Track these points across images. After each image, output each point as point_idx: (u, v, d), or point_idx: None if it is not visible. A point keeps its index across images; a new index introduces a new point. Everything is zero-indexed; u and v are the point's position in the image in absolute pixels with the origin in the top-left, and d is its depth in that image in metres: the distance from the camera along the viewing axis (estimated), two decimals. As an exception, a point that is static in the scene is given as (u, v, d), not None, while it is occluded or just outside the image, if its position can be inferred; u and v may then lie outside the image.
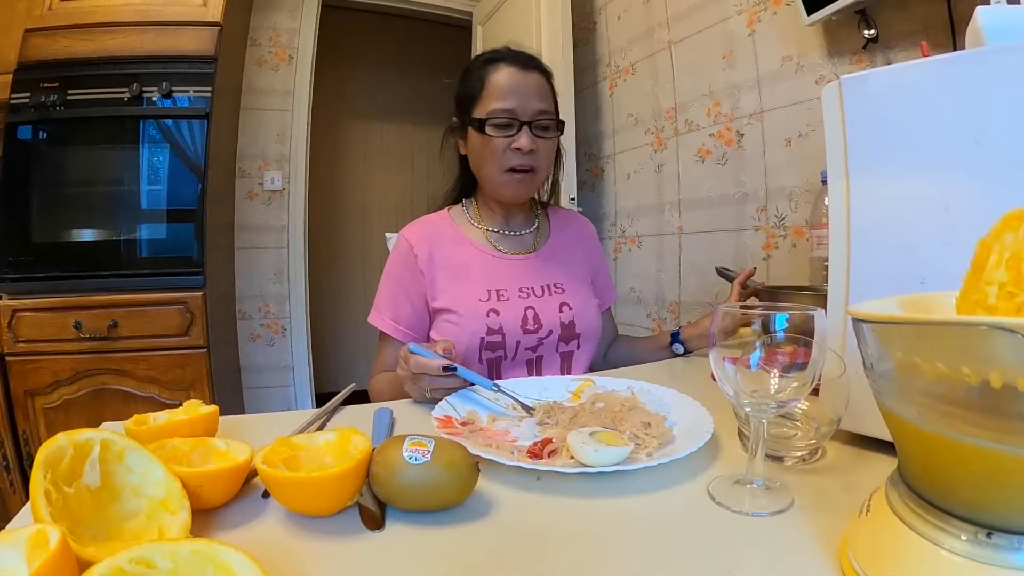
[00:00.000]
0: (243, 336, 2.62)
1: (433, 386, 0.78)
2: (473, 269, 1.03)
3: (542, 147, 1.00)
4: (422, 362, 0.77)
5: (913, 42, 1.27)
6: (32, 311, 1.78)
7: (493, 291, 1.01)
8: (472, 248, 1.05)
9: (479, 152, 1.01)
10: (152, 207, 1.94)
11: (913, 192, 0.54)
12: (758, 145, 1.71)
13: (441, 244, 1.05)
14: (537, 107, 0.98)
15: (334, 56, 3.46)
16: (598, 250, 1.22)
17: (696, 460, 0.57)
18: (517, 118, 0.97)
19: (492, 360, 0.99)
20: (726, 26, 1.80)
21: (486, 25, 2.74)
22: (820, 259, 1.03)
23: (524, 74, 0.99)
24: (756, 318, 0.47)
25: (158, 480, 0.44)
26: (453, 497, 0.48)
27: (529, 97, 0.98)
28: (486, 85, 0.99)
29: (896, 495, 0.36)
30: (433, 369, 0.76)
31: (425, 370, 0.77)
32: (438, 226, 1.08)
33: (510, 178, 1.00)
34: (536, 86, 0.99)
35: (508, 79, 0.98)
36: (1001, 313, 0.31)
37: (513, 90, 0.97)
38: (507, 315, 0.99)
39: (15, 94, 1.83)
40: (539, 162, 1.01)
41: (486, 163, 1.00)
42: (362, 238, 3.92)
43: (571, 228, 1.18)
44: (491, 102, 0.97)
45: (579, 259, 1.14)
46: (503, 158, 0.98)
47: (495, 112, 0.97)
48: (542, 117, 0.99)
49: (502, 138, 0.97)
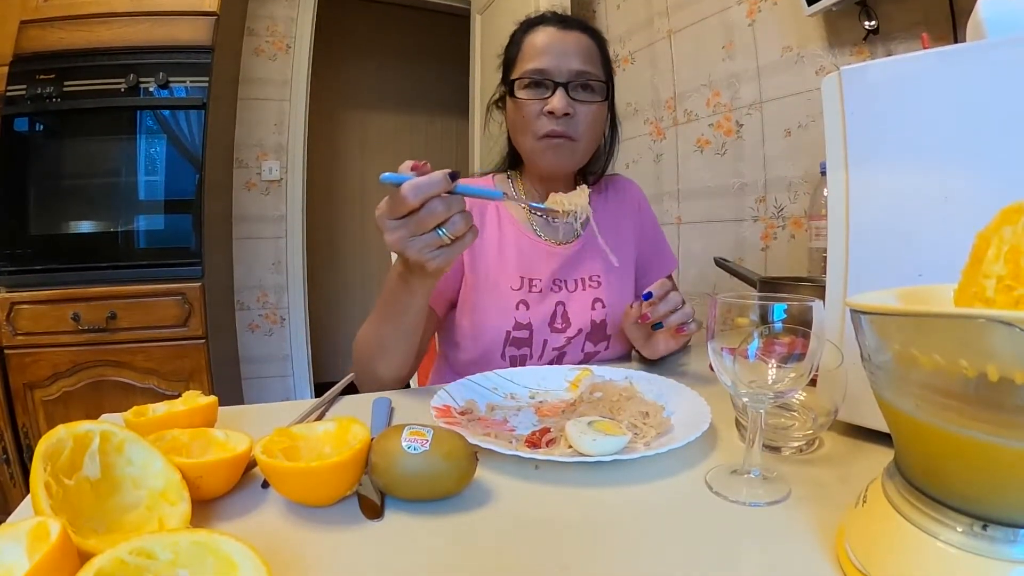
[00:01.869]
0: (242, 327, 2.63)
1: (450, 212, 0.59)
2: (508, 251, 0.95)
3: (583, 113, 0.89)
4: (421, 183, 0.57)
5: (914, 34, 1.27)
6: (30, 304, 1.78)
7: (526, 280, 0.94)
8: (511, 228, 0.97)
9: (513, 120, 0.93)
10: (150, 198, 1.94)
11: (912, 184, 0.53)
12: (757, 136, 1.70)
13: (481, 211, 0.96)
14: (575, 67, 0.87)
15: (332, 45, 3.44)
16: (647, 215, 1.09)
17: (694, 450, 0.58)
18: (551, 78, 0.87)
19: (516, 357, 0.92)
20: (726, 16, 1.79)
21: (484, 14, 2.72)
22: (819, 250, 1.03)
23: (564, 32, 0.89)
24: (754, 308, 0.48)
25: (158, 471, 0.44)
26: (452, 486, 0.49)
27: (567, 56, 0.87)
28: (523, 46, 0.91)
29: (892, 486, 0.36)
30: (439, 184, 0.58)
31: (430, 190, 0.58)
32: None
33: (546, 144, 0.89)
34: (576, 45, 0.89)
35: (544, 38, 0.89)
36: (999, 306, 0.31)
37: (548, 48, 0.88)
38: (536, 310, 0.92)
39: (11, 86, 1.83)
40: (580, 130, 0.90)
41: (520, 131, 0.92)
42: (360, 228, 3.91)
43: (612, 196, 1.07)
44: (525, 63, 0.89)
45: (622, 235, 1.03)
46: (536, 124, 0.89)
47: (527, 72, 0.88)
48: (582, 78, 0.88)
49: (535, 100, 0.88)
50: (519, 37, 0.94)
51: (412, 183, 0.57)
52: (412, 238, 0.60)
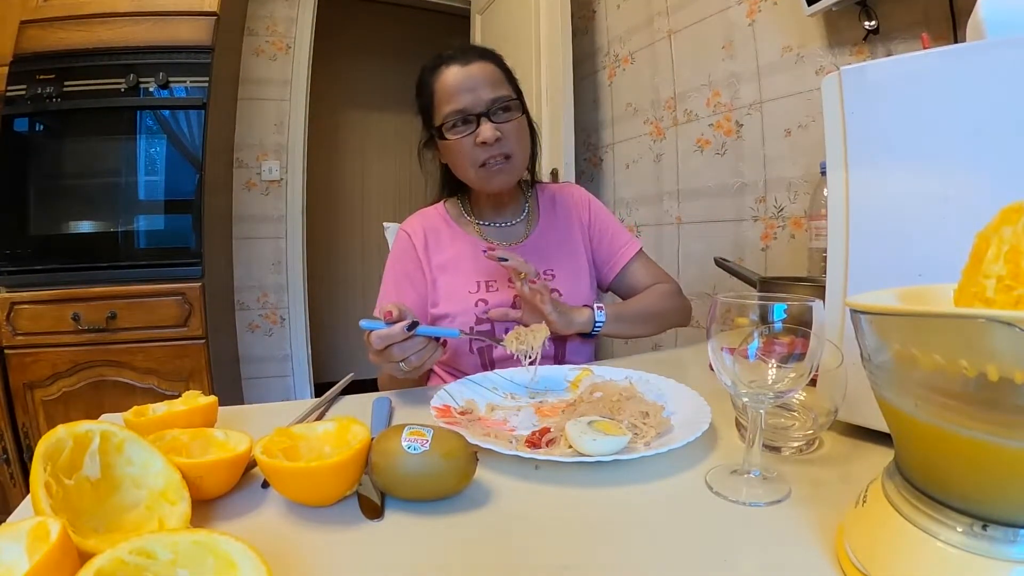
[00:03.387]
0: (242, 326, 2.63)
1: (404, 354, 0.74)
2: (464, 262, 1.04)
3: (509, 131, 0.97)
4: (383, 334, 0.73)
5: (914, 34, 1.27)
6: (30, 304, 1.78)
7: (482, 282, 1.02)
8: (465, 242, 1.06)
9: (451, 158, 1.02)
10: (150, 198, 1.93)
11: (912, 184, 0.53)
12: (757, 136, 1.70)
13: (436, 237, 1.06)
14: (489, 96, 0.96)
15: (332, 45, 3.44)
16: (595, 210, 1.16)
17: (694, 450, 0.58)
18: (472, 112, 0.95)
19: (483, 349, 0.99)
20: (726, 16, 1.79)
21: (484, 14, 2.72)
22: (818, 250, 1.03)
23: (466, 69, 0.97)
24: (754, 308, 0.48)
25: (158, 471, 0.44)
26: (452, 486, 0.49)
27: (477, 89, 0.95)
28: (435, 91, 0.99)
29: (892, 486, 0.36)
30: (397, 335, 0.73)
31: (389, 340, 0.73)
32: (433, 219, 1.10)
33: (487, 172, 0.98)
34: (482, 76, 0.97)
35: (452, 79, 0.97)
36: (999, 306, 0.31)
37: (459, 88, 0.96)
38: (495, 305, 0.98)
39: (11, 86, 1.82)
40: (512, 147, 0.98)
41: (460, 166, 1.00)
42: (360, 228, 3.91)
43: (560, 201, 1.16)
44: (443, 107, 0.97)
45: (573, 233, 1.12)
46: (472, 155, 0.97)
47: (448, 116, 0.96)
48: (498, 103, 0.96)
49: (465, 137, 0.96)
50: (427, 82, 1.01)
51: (376, 333, 0.74)
52: (387, 364, 0.77)
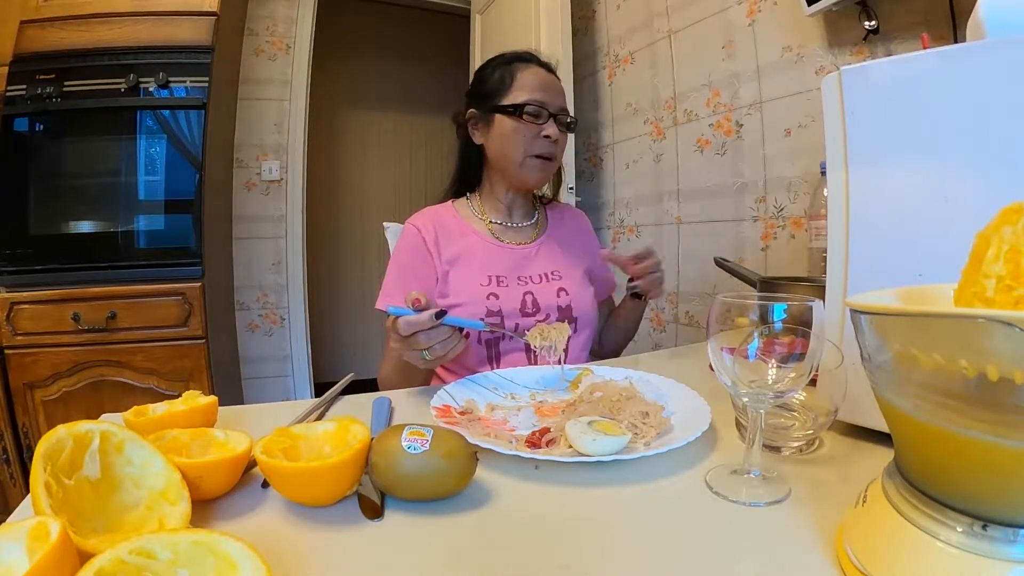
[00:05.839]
0: (242, 326, 2.62)
1: (430, 342, 0.74)
2: (474, 256, 1.07)
3: (561, 140, 1.08)
4: (412, 320, 0.73)
5: (914, 34, 1.27)
6: (30, 304, 1.78)
7: (493, 277, 1.05)
8: (475, 237, 1.10)
9: (508, 137, 1.06)
10: (150, 198, 1.93)
11: (912, 184, 0.53)
12: (757, 135, 1.70)
13: (446, 231, 1.09)
14: (561, 104, 1.08)
15: (332, 45, 3.44)
16: (594, 242, 1.27)
17: (694, 450, 0.58)
18: (547, 109, 1.05)
19: (491, 341, 1.02)
20: (726, 16, 1.79)
21: (484, 14, 2.72)
22: (818, 250, 1.03)
23: (549, 76, 1.09)
24: (754, 308, 0.48)
25: (158, 471, 0.44)
26: (452, 486, 0.49)
27: (555, 95, 1.07)
28: (516, 79, 1.06)
29: (892, 486, 0.36)
30: (425, 322, 0.73)
31: (417, 327, 0.73)
32: (442, 216, 1.12)
33: (535, 163, 1.06)
34: (558, 88, 1.09)
35: (538, 76, 1.07)
36: (999, 306, 0.31)
37: (543, 86, 1.06)
38: (506, 299, 1.02)
39: (11, 86, 1.82)
40: (558, 153, 1.09)
41: (515, 147, 1.05)
42: (360, 228, 3.91)
43: (568, 221, 1.24)
44: (524, 93, 1.04)
45: (576, 251, 1.18)
46: (531, 144, 1.05)
47: (531, 101, 1.04)
48: (564, 115, 1.08)
49: (534, 124, 1.04)
50: (508, 69, 1.08)
51: (405, 319, 0.73)
52: (409, 352, 0.77)
